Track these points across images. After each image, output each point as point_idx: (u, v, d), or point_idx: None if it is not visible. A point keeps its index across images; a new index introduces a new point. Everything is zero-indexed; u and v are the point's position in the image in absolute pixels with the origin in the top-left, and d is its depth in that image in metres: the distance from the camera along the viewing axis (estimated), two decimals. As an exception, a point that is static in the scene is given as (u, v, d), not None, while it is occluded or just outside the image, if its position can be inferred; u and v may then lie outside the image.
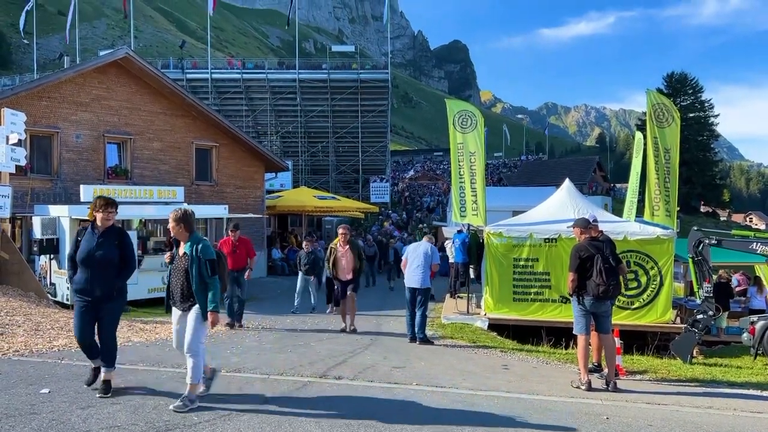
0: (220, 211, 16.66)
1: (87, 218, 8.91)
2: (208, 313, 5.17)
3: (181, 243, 5.40)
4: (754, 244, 10.18)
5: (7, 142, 10.45)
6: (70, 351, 7.35)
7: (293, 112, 43.02)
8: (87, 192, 14.03)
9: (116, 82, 18.23)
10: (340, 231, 10.66)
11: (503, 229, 12.22)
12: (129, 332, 9.25)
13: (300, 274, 13.52)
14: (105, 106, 17.94)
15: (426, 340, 9.47)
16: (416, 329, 9.51)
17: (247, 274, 11.10)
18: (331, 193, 34.33)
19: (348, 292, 10.46)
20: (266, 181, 23.40)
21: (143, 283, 13.23)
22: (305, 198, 26.84)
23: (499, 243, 12.11)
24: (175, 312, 5.45)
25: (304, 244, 14.02)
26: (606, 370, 6.95)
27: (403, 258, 10.13)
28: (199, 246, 5.26)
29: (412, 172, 68.61)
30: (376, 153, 44.62)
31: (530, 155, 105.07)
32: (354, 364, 7.52)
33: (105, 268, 5.36)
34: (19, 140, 10.92)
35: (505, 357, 8.73)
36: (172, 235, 5.47)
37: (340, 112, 43.16)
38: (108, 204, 5.52)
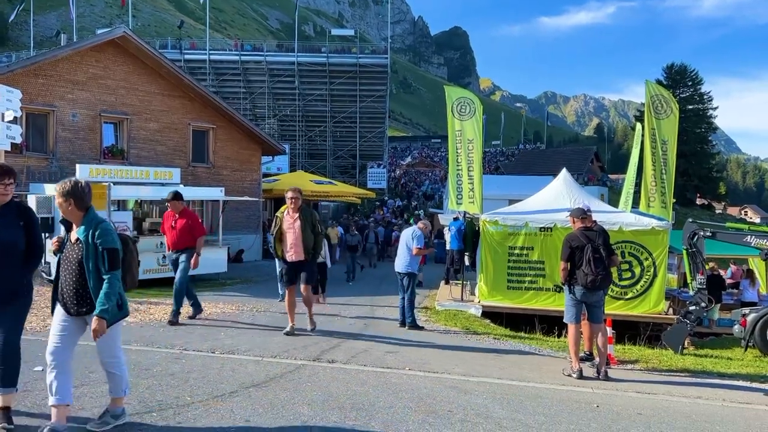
0: (216, 193, 16.60)
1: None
2: (93, 318, 3.87)
3: (74, 226, 4.07)
4: (749, 237, 10.23)
5: (2, 120, 10.36)
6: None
7: (291, 95, 42.79)
8: (83, 171, 13.96)
9: (113, 61, 18.08)
10: (289, 195, 7.92)
11: (499, 217, 12.25)
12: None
13: None
14: (102, 85, 17.80)
15: (414, 325, 9.50)
16: (404, 314, 9.55)
17: (193, 260, 8.78)
18: (328, 177, 34.28)
19: (302, 285, 8.09)
20: (263, 164, 23.32)
21: (138, 263, 13.26)
22: (302, 182, 26.73)
23: (494, 231, 12.14)
24: (60, 312, 4.09)
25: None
26: (597, 359, 6.99)
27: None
28: (97, 231, 3.95)
29: (409, 159, 68.46)
30: (373, 138, 44.49)
31: (528, 144, 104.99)
32: (347, 348, 7.55)
33: (4, 256, 4.03)
34: (15, 118, 10.83)
35: (497, 344, 8.78)
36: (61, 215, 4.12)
37: (339, 96, 42.95)
38: (3, 173, 4.12)
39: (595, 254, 6.73)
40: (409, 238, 9.65)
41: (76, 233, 4.03)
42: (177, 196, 9.04)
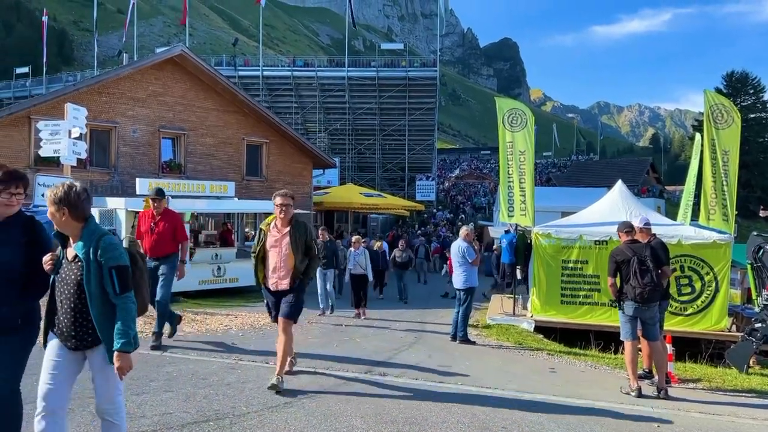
0: (269, 206, 16.92)
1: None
2: (115, 354, 3.15)
3: (70, 240, 3.32)
4: (819, 250, 9.72)
5: (69, 136, 10.88)
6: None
7: (341, 109, 43.35)
8: (143, 185, 14.50)
9: (171, 79, 18.75)
10: (278, 201, 5.98)
11: (552, 230, 12.03)
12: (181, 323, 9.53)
13: (318, 269, 11.26)
14: (161, 102, 18.49)
15: (466, 340, 9.42)
16: (457, 328, 9.49)
17: (179, 270, 7.65)
18: (378, 190, 34.50)
19: (280, 318, 5.90)
20: (314, 177, 23.68)
21: (194, 275, 13.59)
22: (352, 195, 27.06)
23: (547, 244, 11.92)
24: (55, 346, 3.31)
25: (319, 233, 12.93)
26: (657, 377, 6.76)
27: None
28: (100, 245, 3.22)
29: (458, 171, 68.19)
30: (422, 151, 44.56)
31: (581, 155, 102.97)
32: (399, 361, 7.54)
33: None
34: (81, 134, 11.35)
35: (551, 360, 8.61)
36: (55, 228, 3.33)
37: (388, 109, 43.26)
38: (11, 179, 3.34)
39: (642, 266, 6.55)
40: (458, 254, 9.60)
41: (74, 249, 3.27)
42: (160, 193, 7.75)
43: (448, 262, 17.26)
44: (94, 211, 14.23)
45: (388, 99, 42.31)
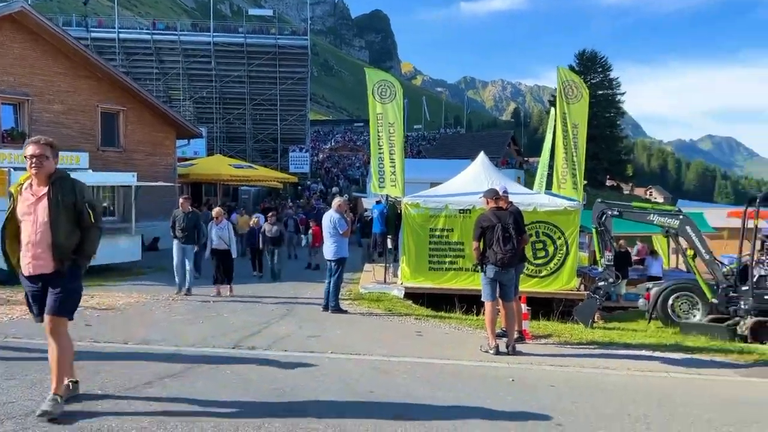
0: (128, 178, 15.88)
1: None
2: None
3: None
4: (652, 215, 10.86)
5: None
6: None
7: (207, 76, 41.42)
8: (-22, 156, 12.96)
9: (10, 38, 16.80)
10: (29, 150, 4.16)
11: (420, 200, 12.39)
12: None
13: (175, 242, 11.15)
14: (-2, 63, 16.54)
15: (338, 309, 9.51)
16: (329, 298, 9.54)
17: None
18: (249, 161, 33.56)
19: (46, 315, 4.23)
20: (178, 148, 22.50)
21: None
22: (220, 166, 26.09)
23: (416, 213, 12.28)
24: None
25: (180, 202, 11.80)
26: (510, 336, 7.19)
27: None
28: None
29: (332, 143, 68.13)
30: (295, 122, 43.87)
31: (449, 128, 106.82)
32: (268, 334, 7.45)
33: None
34: None
35: (419, 324, 8.92)
36: None
37: (258, 78, 41.98)
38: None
39: (505, 233, 6.91)
40: (329, 225, 9.59)
41: None
42: None
43: (311, 232, 17.12)
44: None
45: (258, 67, 41.04)
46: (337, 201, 10.11)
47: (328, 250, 9.69)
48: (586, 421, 4.53)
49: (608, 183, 74.65)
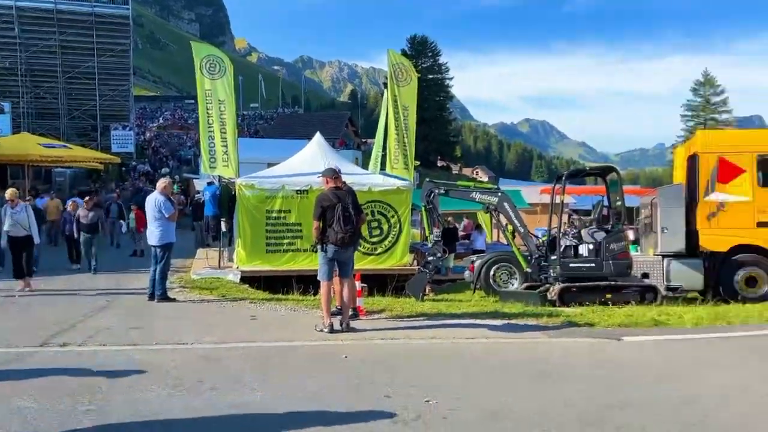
0: None
1: None
2: None
3: None
4: (474, 193, 11.62)
5: None
6: None
7: (11, 45, 36.61)
8: None
9: None
10: None
11: (255, 181, 12.09)
12: None
13: None
14: None
15: (165, 298, 9.00)
16: (155, 286, 8.97)
17: None
18: (63, 140, 30.39)
19: None
20: (-25, 124, 19.70)
21: None
22: (28, 146, 23.26)
23: (251, 195, 11.96)
24: None
25: None
26: (344, 313, 7.30)
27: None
28: None
29: (161, 120, 64.04)
30: (117, 97, 40.40)
31: (286, 108, 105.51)
32: (85, 328, 6.83)
33: None
34: None
35: (254, 308, 8.74)
36: None
37: (72, 49, 37.91)
38: None
39: (345, 213, 6.98)
40: (153, 207, 8.99)
41: None
42: None
43: (133, 216, 15.96)
44: None
45: (72, 37, 37.10)
46: (161, 182, 9.49)
47: (153, 235, 9.08)
48: (415, 391, 4.72)
49: (439, 164, 78.92)
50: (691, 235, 11.31)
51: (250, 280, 11.66)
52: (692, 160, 11.78)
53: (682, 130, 74.30)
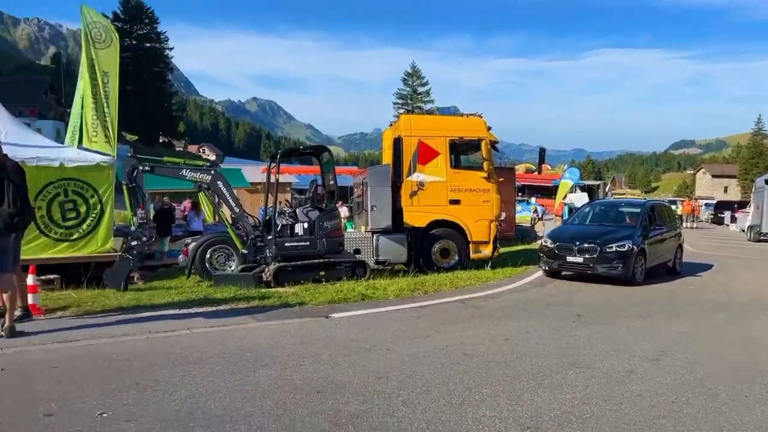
0: None
1: None
2: None
3: None
4: (184, 170, 10.75)
5: None
6: None
7: None
8: None
9: None
10: None
11: None
12: None
13: None
14: None
15: None
16: None
17: None
18: None
19: None
20: None
21: None
22: None
23: None
24: None
25: None
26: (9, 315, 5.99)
27: None
28: None
29: None
30: None
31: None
32: None
33: None
34: None
35: None
36: None
37: None
38: None
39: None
40: None
41: None
42: None
43: None
44: None
45: None
46: None
47: None
48: (86, 405, 3.96)
49: (162, 140, 73.83)
50: (397, 212, 12.18)
51: None
52: (397, 143, 12.64)
53: (394, 116, 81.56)
